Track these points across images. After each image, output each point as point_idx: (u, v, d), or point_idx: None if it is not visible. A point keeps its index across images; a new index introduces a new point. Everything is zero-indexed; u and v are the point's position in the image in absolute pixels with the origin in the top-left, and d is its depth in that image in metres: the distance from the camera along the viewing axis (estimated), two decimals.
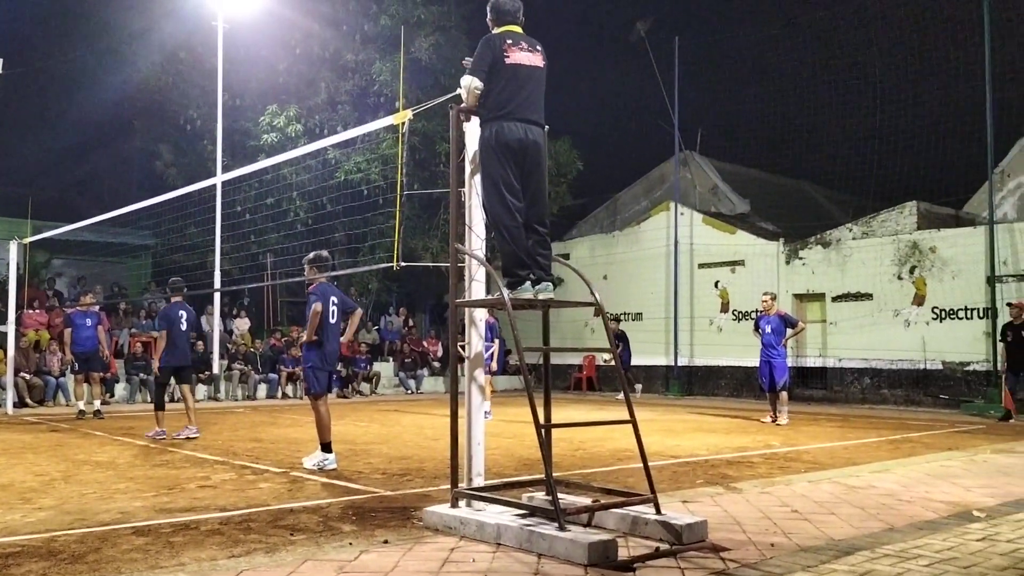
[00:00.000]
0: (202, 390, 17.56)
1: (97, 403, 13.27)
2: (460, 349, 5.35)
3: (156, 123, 22.17)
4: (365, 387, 19.72)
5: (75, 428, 11.50)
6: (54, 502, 5.88)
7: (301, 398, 17.39)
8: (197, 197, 14.81)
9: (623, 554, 4.26)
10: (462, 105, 5.19)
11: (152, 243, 22.34)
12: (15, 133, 24.84)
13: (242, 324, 20.31)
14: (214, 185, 16.31)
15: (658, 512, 4.70)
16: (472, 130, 5.30)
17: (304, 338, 7.94)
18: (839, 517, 5.32)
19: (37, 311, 17.18)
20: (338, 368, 15.73)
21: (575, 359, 21.87)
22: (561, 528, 4.30)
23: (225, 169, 17.66)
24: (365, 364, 19.91)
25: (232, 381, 18.02)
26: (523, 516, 4.76)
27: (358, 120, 19.00)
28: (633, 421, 4.85)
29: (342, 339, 8.12)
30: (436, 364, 21.95)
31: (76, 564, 4.19)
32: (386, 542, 4.60)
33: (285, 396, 18.28)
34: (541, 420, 4.76)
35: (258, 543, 4.62)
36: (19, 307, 15.21)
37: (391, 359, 21.45)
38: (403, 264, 6.53)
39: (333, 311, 7.88)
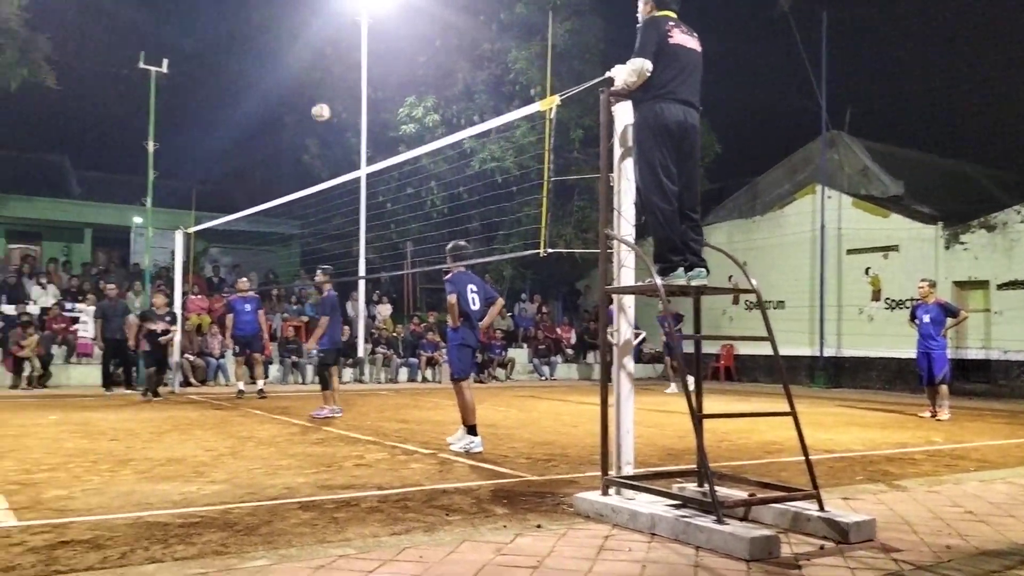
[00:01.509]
0: (348, 373, 18.35)
1: (260, 383, 14.06)
2: (609, 336, 5.29)
3: (304, 118, 23.17)
4: (500, 372, 20.02)
5: (235, 407, 12.25)
6: (225, 476, 6.26)
7: (439, 382, 17.83)
8: (342, 188, 15.40)
9: (785, 551, 4.11)
10: (614, 88, 5.07)
11: (300, 232, 23.44)
12: (180, 131, 26.68)
13: (384, 310, 21.02)
14: (358, 177, 16.89)
15: (821, 508, 4.50)
16: (622, 114, 5.19)
17: (449, 324, 8.10)
18: (1019, 520, 4.93)
19: (199, 296, 18.41)
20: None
21: (712, 348, 21.33)
22: (719, 521, 4.18)
23: (368, 161, 18.28)
24: (500, 350, 20.21)
25: (375, 364, 18.71)
26: (676, 507, 4.66)
27: (494, 109, 19.20)
28: (793, 413, 4.66)
29: (480, 324, 8.22)
30: (569, 351, 21.99)
31: (251, 536, 4.43)
32: (539, 527, 4.62)
33: (425, 380, 18.80)
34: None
35: (416, 522, 4.76)
36: (183, 292, 16.33)
37: (525, 345, 21.66)
38: (549, 251, 6.54)
39: (473, 298, 7.97)
